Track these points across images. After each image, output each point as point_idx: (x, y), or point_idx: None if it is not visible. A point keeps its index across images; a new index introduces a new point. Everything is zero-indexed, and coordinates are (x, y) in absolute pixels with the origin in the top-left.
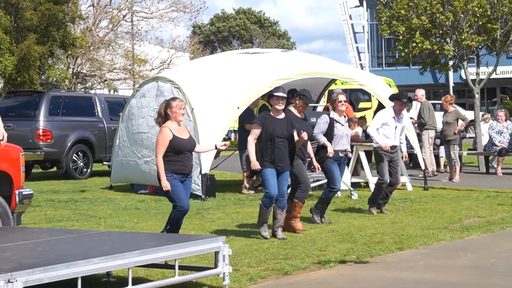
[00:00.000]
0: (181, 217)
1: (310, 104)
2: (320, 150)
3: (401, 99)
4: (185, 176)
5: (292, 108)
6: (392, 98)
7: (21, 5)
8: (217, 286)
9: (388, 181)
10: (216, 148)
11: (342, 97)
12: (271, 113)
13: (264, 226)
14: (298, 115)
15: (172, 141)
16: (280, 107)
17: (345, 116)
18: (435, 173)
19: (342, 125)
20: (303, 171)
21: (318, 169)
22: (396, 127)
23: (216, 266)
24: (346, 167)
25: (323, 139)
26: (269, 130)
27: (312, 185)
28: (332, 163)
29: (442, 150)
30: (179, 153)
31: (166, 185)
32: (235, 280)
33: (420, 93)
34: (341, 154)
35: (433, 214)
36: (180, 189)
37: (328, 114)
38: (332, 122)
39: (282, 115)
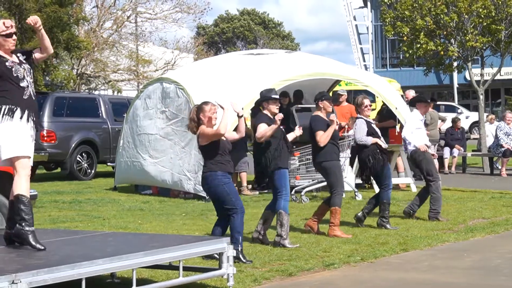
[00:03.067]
0: (242, 220)
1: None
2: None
3: (426, 100)
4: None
5: (318, 112)
6: (416, 101)
7: (25, 6)
8: (221, 287)
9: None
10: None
11: (367, 101)
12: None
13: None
14: (326, 118)
15: (217, 142)
16: (277, 109)
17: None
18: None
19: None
20: (340, 174)
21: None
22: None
23: (220, 267)
24: (351, 168)
25: (370, 139)
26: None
27: (316, 186)
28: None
29: (446, 151)
30: (226, 154)
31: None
32: (239, 281)
33: (411, 94)
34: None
35: None
36: (235, 191)
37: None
38: (369, 124)
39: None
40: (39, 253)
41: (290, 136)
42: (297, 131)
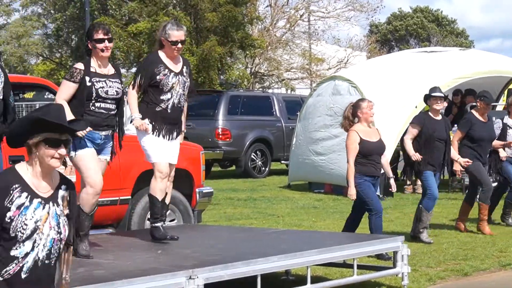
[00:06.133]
0: (381, 221)
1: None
2: (492, 153)
3: None
4: (375, 179)
5: (474, 111)
6: None
7: (200, 7)
8: (395, 286)
9: None
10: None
11: None
12: (430, 113)
13: (425, 231)
14: (481, 118)
15: (360, 144)
16: (439, 107)
17: None
18: None
19: None
20: (483, 171)
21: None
22: None
23: (394, 266)
24: None
25: (495, 143)
26: (429, 132)
27: None
28: (508, 165)
29: None
30: (368, 156)
31: (352, 193)
32: (413, 280)
33: None
34: None
35: None
36: (372, 191)
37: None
38: (505, 128)
39: (440, 116)
40: (215, 249)
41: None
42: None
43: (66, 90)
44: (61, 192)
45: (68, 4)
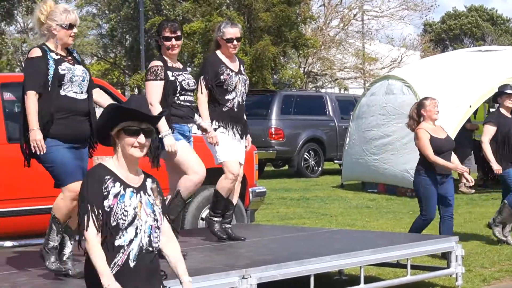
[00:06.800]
0: (425, 227)
1: None
2: None
3: None
4: (445, 177)
5: None
6: None
7: (254, 6)
8: (449, 286)
9: None
10: None
11: None
12: (502, 111)
13: (500, 227)
14: None
15: (430, 142)
16: (511, 104)
17: None
18: None
19: None
20: None
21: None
22: None
23: (448, 266)
24: None
25: None
26: (505, 129)
27: None
28: None
29: None
30: (439, 154)
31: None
32: (467, 280)
33: None
34: None
35: None
36: (434, 200)
37: None
38: None
39: (509, 114)
40: (268, 249)
41: None
42: None
43: (156, 90)
44: (149, 184)
45: (122, 5)
